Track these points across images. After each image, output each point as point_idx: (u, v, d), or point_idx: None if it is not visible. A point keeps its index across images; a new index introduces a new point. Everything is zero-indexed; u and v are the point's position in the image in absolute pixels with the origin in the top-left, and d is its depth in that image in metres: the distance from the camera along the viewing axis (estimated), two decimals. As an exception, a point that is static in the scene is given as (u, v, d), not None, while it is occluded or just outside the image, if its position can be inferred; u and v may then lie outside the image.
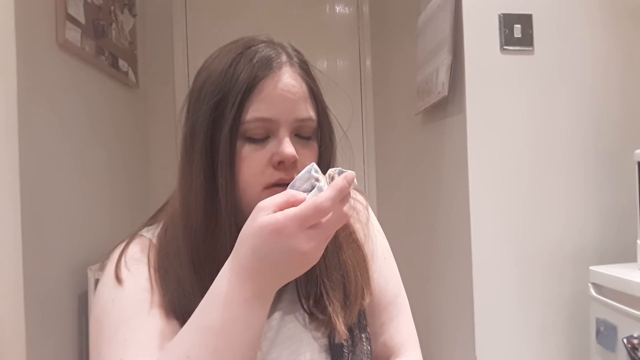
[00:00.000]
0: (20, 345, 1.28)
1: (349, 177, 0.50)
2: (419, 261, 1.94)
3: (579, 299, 1.43)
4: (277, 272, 0.49)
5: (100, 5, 1.84)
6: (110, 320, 0.57)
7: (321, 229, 0.48)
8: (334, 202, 0.48)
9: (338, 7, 2.82)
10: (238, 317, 0.48)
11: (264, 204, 0.49)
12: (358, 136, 2.75)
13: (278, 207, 0.48)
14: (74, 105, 1.65)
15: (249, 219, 0.49)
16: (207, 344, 0.48)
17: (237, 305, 0.48)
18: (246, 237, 0.49)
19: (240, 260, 0.49)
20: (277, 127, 0.59)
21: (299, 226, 0.47)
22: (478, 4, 1.44)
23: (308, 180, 0.51)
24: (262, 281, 0.49)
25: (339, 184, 0.48)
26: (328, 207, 0.47)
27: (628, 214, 1.38)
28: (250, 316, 0.49)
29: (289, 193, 0.50)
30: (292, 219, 0.46)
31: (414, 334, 0.73)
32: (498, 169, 1.45)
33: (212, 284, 0.51)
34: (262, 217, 0.47)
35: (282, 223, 0.46)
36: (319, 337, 0.66)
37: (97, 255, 1.70)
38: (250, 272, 0.48)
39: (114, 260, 0.62)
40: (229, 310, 0.48)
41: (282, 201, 0.49)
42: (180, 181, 0.62)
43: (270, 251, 0.47)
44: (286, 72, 0.60)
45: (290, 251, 0.47)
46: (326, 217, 0.48)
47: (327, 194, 0.48)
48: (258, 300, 0.49)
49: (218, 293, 0.49)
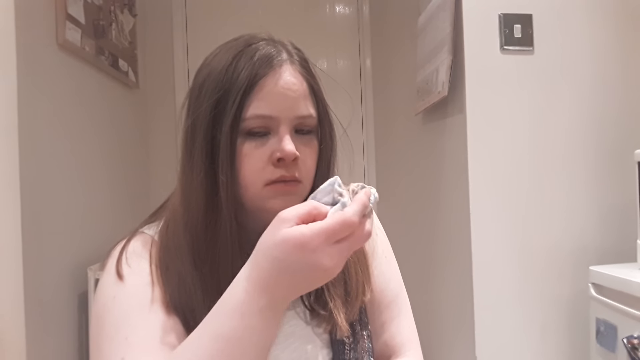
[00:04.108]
0: (20, 345, 1.27)
1: (368, 192, 0.49)
2: (419, 261, 1.94)
3: (579, 299, 1.43)
4: (295, 284, 0.48)
5: (100, 5, 1.84)
6: (111, 317, 0.57)
7: (346, 245, 0.47)
8: (360, 217, 0.47)
9: (338, 7, 2.82)
10: (252, 327, 0.47)
11: (286, 215, 0.47)
12: (358, 136, 2.75)
13: (300, 219, 0.47)
14: (74, 105, 1.65)
15: (270, 229, 0.48)
16: (219, 351, 0.47)
17: (252, 314, 0.47)
18: (267, 247, 0.47)
19: (259, 270, 0.47)
20: (277, 124, 0.59)
21: (324, 241, 0.45)
22: (478, 4, 1.44)
23: (330, 193, 0.50)
24: (279, 292, 0.48)
25: (363, 200, 0.48)
26: (356, 222, 0.46)
27: (628, 214, 1.38)
28: (264, 326, 0.48)
29: (311, 205, 0.48)
30: (318, 234, 0.45)
31: (414, 334, 0.73)
32: (498, 168, 1.45)
33: (227, 291, 0.50)
34: (286, 229, 0.46)
35: (308, 237, 0.45)
36: (320, 333, 0.66)
37: (97, 255, 1.70)
38: (268, 283, 0.47)
39: (115, 257, 0.62)
40: (244, 319, 0.47)
41: (305, 213, 0.47)
42: (181, 178, 0.63)
43: (292, 264, 0.46)
44: (287, 70, 0.60)
45: (313, 266, 0.46)
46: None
47: (354, 209, 0.47)
48: (273, 311, 0.48)
49: (233, 301, 0.48)
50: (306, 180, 0.62)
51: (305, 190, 0.63)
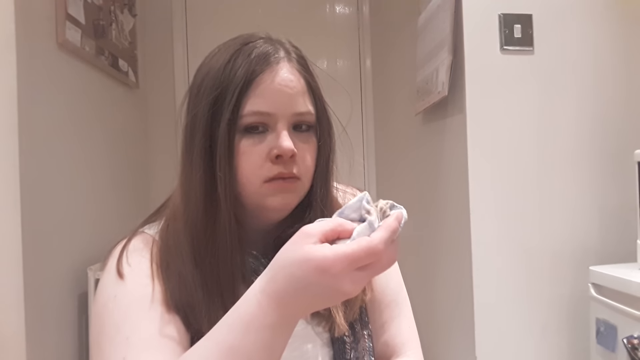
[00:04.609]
0: (20, 345, 1.27)
1: (400, 217, 0.47)
2: (419, 261, 1.94)
3: (579, 299, 1.43)
4: (311, 304, 0.47)
5: (100, 5, 1.84)
6: (112, 317, 0.57)
7: (369, 272, 0.45)
8: (387, 245, 0.45)
9: (338, 7, 2.82)
10: (263, 341, 0.46)
11: (310, 231, 0.46)
12: (358, 136, 2.75)
13: (324, 236, 0.45)
14: (74, 105, 1.65)
15: (291, 242, 0.47)
16: None
17: (264, 329, 0.46)
18: (286, 263, 0.46)
19: (276, 285, 0.46)
20: (275, 121, 0.60)
21: (347, 267, 0.44)
22: (478, 4, 1.44)
23: (358, 210, 0.48)
24: (293, 310, 0.47)
25: (392, 226, 0.46)
26: (381, 250, 0.44)
27: (628, 214, 1.38)
28: (274, 341, 0.47)
29: (337, 222, 0.47)
30: (342, 260, 0.43)
31: (415, 334, 0.74)
32: (498, 168, 1.45)
33: (240, 301, 0.48)
34: (309, 247, 0.45)
35: (331, 262, 0.43)
36: (321, 331, 0.66)
37: (97, 255, 1.70)
38: (283, 299, 0.46)
39: (116, 256, 0.62)
40: (256, 334, 0.46)
41: (329, 229, 0.46)
42: (181, 176, 0.63)
43: (310, 286, 0.44)
44: (284, 67, 0.61)
45: (332, 290, 0.44)
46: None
47: (381, 236, 0.45)
48: (284, 327, 0.48)
49: (246, 313, 0.47)
50: (305, 177, 0.62)
51: (304, 187, 0.63)
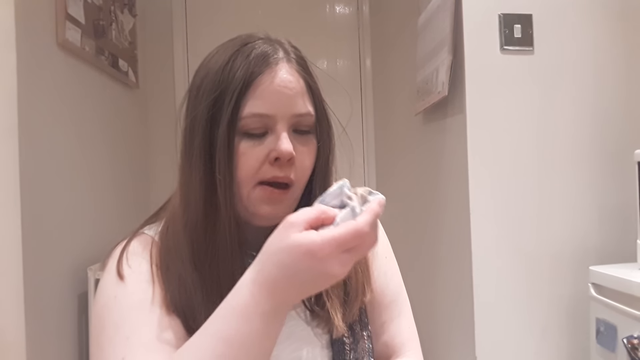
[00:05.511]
0: (20, 346, 1.27)
1: (382, 202, 0.49)
2: (419, 261, 1.94)
3: (579, 299, 1.43)
4: (302, 289, 0.48)
5: (100, 5, 1.84)
6: (112, 317, 0.57)
7: (355, 253, 0.47)
8: (372, 227, 0.47)
9: (338, 7, 2.82)
10: (257, 330, 0.47)
11: (295, 220, 0.47)
12: (358, 136, 2.75)
13: (309, 224, 0.47)
14: (74, 105, 1.65)
15: (277, 233, 0.48)
16: (223, 354, 0.47)
17: (257, 318, 0.47)
18: (274, 251, 0.47)
19: (265, 273, 0.47)
20: (274, 122, 0.59)
21: (335, 250, 0.45)
22: (478, 4, 1.44)
23: (339, 196, 0.50)
24: (284, 297, 0.48)
25: (375, 210, 0.48)
26: (367, 232, 0.46)
27: (628, 214, 1.38)
28: (268, 329, 0.48)
29: (319, 209, 0.48)
30: (330, 243, 0.45)
31: (415, 334, 0.73)
32: (498, 168, 1.45)
33: (232, 293, 0.49)
34: (295, 234, 0.46)
35: (319, 245, 0.45)
36: (320, 333, 0.66)
37: (97, 255, 1.71)
38: (274, 287, 0.47)
39: (116, 257, 0.62)
40: (249, 323, 0.47)
41: (313, 217, 0.47)
42: (180, 178, 0.63)
43: (300, 271, 0.46)
44: (283, 68, 0.60)
45: (322, 273, 0.46)
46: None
47: (366, 219, 0.46)
48: (277, 315, 0.48)
49: (238, 304, 0.48)
50: (299, 182, 0.62)
51: (296, 194, 0.63)
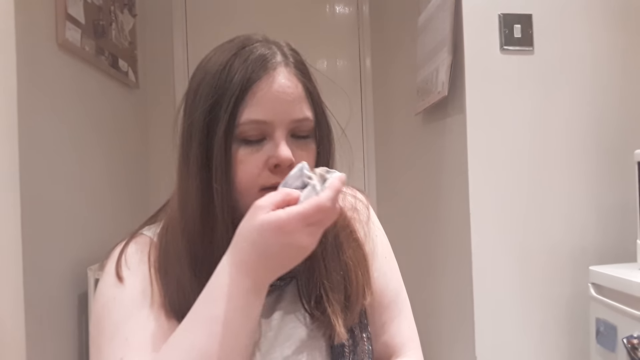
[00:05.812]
0: (20, 345, 1.27)
1: (343, 179, 0.53)
2: (419, 261, 1.94)
3: (579, 299, 1.43)
4: (275, 264, 0.51)
5: (100, 5, 1.84)
6: (111, 318, 0.57)
7: (320, 226, 0.51)
8: (334, 202, 0.50)
9: (338, 7, 2.82)
10: (240, 308, 0.51)
11: (262, 203, 0.50)
12: (358, 136, 2.75)
13: (275, 206, 0.50)
14: (74, 105, 1.65)
15: (247, 217, 0.51)
16: (212, 333, 0.50)
17: (238, 296, 0.51)
18: (246, 232, 0.51)
19: (240, 254, 0.51)
20: (272, 129, 0.58)
21: (300, 223, 0.49)
22: (478, 4, 1.44)
23: (299, 178, 0.53)
24: (260, 273, 0.51)
25: (336, 185, 0.51)
26: (329, 207, 0.50)
27: (628, 214, 1.38)
28: (250, 306, 0.52)
29: (284, 192, 0.52)
30: (295, 217, 0.48)
31: (415, 334, 0.73)
32: (498, 168, 1.45)
33: (213, 277, 0.53)
34: (263, 214, 0.49)
35: (285, 220, 0.48)
36: (320, 337, 0.66)
37: (97, 255, 1.70)
38: (250, 265, 0.51)
39: (115, 259, 0.62)
40: (232, 301, 0.51)
41: (279, 200, 0.51)
42: (178, 184, 0.62)
43: (271, 246, 0.49)
44: (281, 73, 0.59)
45: (291, 246, 0.49)
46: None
47: (328, 195, 0.50)
48: (257, 291, 0.52)
49: (219, 285, 0.51)
50: None
51: None
